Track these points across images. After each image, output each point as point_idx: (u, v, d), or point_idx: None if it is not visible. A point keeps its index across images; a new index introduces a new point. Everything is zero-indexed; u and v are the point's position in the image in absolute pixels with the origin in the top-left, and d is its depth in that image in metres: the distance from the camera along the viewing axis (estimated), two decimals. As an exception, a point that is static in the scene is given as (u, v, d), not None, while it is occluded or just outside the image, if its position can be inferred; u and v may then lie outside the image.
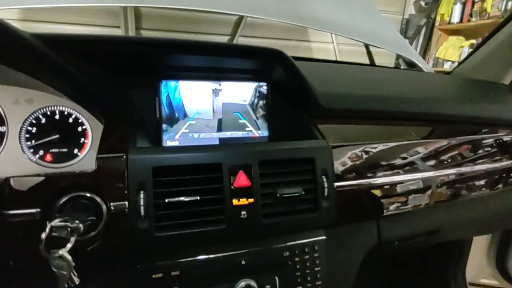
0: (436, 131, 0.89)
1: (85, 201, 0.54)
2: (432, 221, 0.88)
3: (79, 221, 0.48)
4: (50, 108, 0.62)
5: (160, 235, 0.56)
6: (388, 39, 1.37)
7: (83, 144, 0.64)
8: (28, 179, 0.52)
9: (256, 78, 0.77)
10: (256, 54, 0.67)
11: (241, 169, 0.61)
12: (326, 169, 0.67)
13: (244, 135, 0.77)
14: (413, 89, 0.97)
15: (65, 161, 0.62)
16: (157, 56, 0.65)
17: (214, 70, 0.73)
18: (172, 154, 0.58)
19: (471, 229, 1.07)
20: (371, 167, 0.74)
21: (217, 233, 0.59)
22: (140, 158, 0.56)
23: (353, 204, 0.72)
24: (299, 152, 0.66)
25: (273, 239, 0.66)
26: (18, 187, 0.52)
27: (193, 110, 0.74)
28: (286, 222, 0.64)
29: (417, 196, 0.79)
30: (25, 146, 0.60)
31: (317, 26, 1.22)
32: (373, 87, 0.91)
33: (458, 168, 0.85)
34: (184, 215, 0.57)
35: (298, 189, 0.63)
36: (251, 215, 0.61)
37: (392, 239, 0.82)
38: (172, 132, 0.72)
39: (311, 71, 0.74)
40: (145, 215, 0.55)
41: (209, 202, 0.59)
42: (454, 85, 1.14)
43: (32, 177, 0.53)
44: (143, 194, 0.55)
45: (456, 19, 3.50)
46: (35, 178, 0.53)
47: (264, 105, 0.78)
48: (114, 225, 0.54)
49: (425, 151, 0.82)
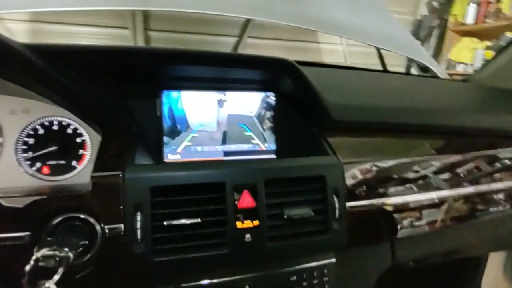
0: (452, 145, 0.84)
1: (78, 222, 0.50)
2: (450, 241, 0.82)
3: (69, 247, 0.44)
4: (47, 118, 0.60)
5: (158, 259, 0.52)
6: (401, 43, 1.31)
7: (82, 156, 0.61)
8: (18, 199, 0.49)
9: (263, 88, 0.73)
10: (263, 64, 0.62)
11: (246, 189, 0.57)
12: (338, 188, 0.62)
13: (250, 149, 0.73)
14: (428, 99, 0.92)
15: (63, 174, 0.60)
16: (159, 67, 0.62)
17: (218, 80, 0.70)
18: (171, 172, 0.54)
19: (489, 246, 1.01)
20: (384, 185, 0.69)
21: (219, 257, 0.55)
22: (137, 177, 0.52)
23: (365, 225, 0.68)
24: (308, 170, 0.62)
25: (280, 263, 0.62)
26: (7, 207, 0.48)
27: (196, 122, 0.70)
28: (294, 245, 0.60)
29: (434, 215, 0.74)
30: (21, 158, 0.58)
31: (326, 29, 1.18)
32: (386, 97, 0.86)
33: (477, 186, 0.79)
34: (183, 238, 0.54)
35: (307, 210, 0.59)
36: (256, 238, 0.57)
37: (407, 261, 0.77)
38: (174, 145, 0.69)
39: (320, 78, 0.70)
40: (142, 239, 0.51)
41: (211, 224, 0.55)
42: (472, 94, 1.08)
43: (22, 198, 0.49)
44: (140, 216, 0.51)
45: (470, 20, 3.40)
46: (26, 198, 0.49)
47: (272, 117, 0.74)
48: (108, 250, 0.50)
49: (441, 167, 0.76)
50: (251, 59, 0.62)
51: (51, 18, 2.41)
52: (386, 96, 0.86)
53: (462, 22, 3.47)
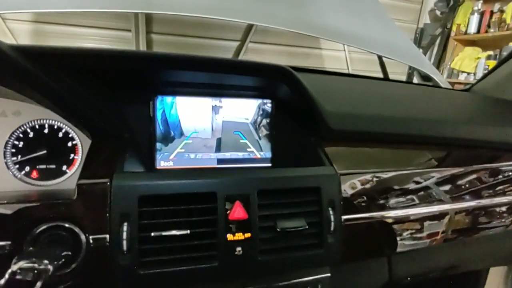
0: (453, 157, 0.81)
1: (62, 232, 0.48)
2: (449, 256, 0.80)
3: (49, 260, 0.42)
4: (38, 121, 0.59)
5: (144, 272, 0.50)
6: (403, 51, 1.30)
7: (73, 160, 0.60)
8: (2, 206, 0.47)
9: (260, 95, 0.71)
10: (260, 71, 0.61)
11: (238, 199, 0.55)
12: (333, 200, 0.60)
13: (245, 156, 0.71)
14: (430, 109, 0.90)
15: (53, 179, 0.59)
16: (153, 72, 0.60)
17: (214, 86, 0.68)
18: (160, 181, 0.52)
19: (491, 261, 0.99)
20: (383, 198, 0.67)
21: (208, 271, 0.53)
22: (125, 185, 0.51)
23: (362, 239, 0.65)
24: (303, 181, 0.60)
25: (272, 277, 0.59)
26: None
27: (190, 128, 0.68)
28: (287, 259, 0.58)
29: (433, 230, 0.71)
30: (10, 162, 0.57)
31: (328, 36, 1.16)
32: (386, 106, 0.84)
33: (479, 200, 0.77)
34: (172, 250, 0.52)
35: (301, 222, 0.57)
36: (248, 251, 0.54)
37: (405, 276, 0.75)
38: (166, 152, 0.67)
39: (319, 85, 0.68)
40: (128, 250, 0.49)
41: (201, 236, 0.53)
42: (474, 104, 1.06)
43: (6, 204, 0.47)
44: (127, 226, 0.49)
45: (473, 30, 3.40)
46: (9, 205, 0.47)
47: (268, 124, 0.72)
48: (92, 261, 0.48)
49: (442, 180, 0.74)
50: (247, 65, 0.60)
51: (54, 19, 2.42)
52: (386, 105, 0.84)
53: (465, 31, 3.47)
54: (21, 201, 0.48)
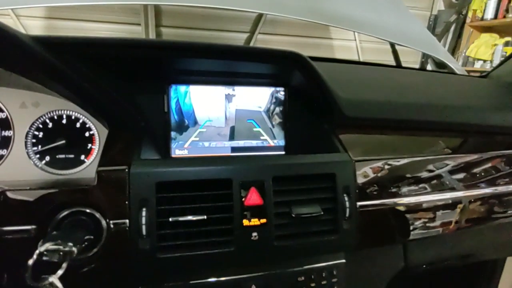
0: (470, 144, 0.80)
1: (84, 217, 0.50)
2: (465, 244, 0.79)
3: (73, 242, 0.43)
4: (57, 112, 0.60)
5: (162, 256, 0.51)
6: (417, 38, 1.27)
7: (91, 150, 0.61)
8: (25, 192, 0.49)
9: (273, 83, 0.71)
10: (273, 58, 0.60)
11: (253, 186, 0.55)
12: (348, 186, 0.60)
13: (258, 145, 0.72)
14: (446, 95, 0.88)
15: (72, 168, 0.60)
16: (167, 60, 0.60)
17: (227, 74, 0.68)
18: (177, 167, 0.53)
19: (507, 250, 0.97)
20: (397, 184, 0.66)
21: (224, 255, 0.54)
22: (143, 172, 0.52)
23: (377, 226, 0.65)
24: (318, 167, 0.59)
25: (287, 262, 0.60)
26: (14, 200, 0.48)
27: (204, 117, 0.69)
28: (302, 244, 0.58)
29: (449, 217, 0.71)
30: (31, 152, 0.59)
31: (340, 24, 1.14)
32: (401, 93, 0.83)
33: (495, 188, 0.75)
34: (189, 235, 0.53)
35: (316, 208, 0.57)
36: (263, 236, 0.55)
37: (420, 263, 0.74)
38: (181, 140, 0.68)
39: (332, 73, 0.68)
40: (147, 235, 0.50)
41: (217, 221, 0.54)
42: (492, 90, 1.03)
43: (29, 191, 0.49)
44: (145, 211, 0.50)
45: (490, 15, 3.27)
46: (32, 191, 0.49)
47: (281, 112, 0.72)
48: (113, 245, 0.50)
49: (458, 167, 0.73)
50: (261, 52, 0.60)
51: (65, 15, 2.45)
52: (401, 92, 0.83)
53: (481, 17, 3.35)
54: (43, 187, 0.50)
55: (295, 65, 0.61)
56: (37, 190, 0.49)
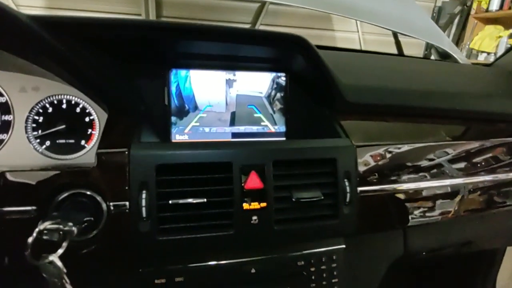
0: (472, 131, 0.79)
1: (84, 199, 0.50)
2: (465, 231, 0.79)
3: (73, 223, 0.43)
4: (57, 96, 0.59)
5: (162, 238, 0.51)
6: (420, 27, 1.25)
7: (91, 135, 0.61)
8: (25, 174, 0.49)
9: (274, 68, 0.70)
10: (275, 40, 0.59)
11: (253, 169, 0.55)
12: (349, 171, 0.60)
13: (259, 130, 0.71)
14: (448, 83, 0.87)
15: (72, 153, 0.60)
16: (167, 42, 0.60)
17: (228, 58, 0.67)
18: (177, 151, 0.53)
19: (507, 238, 0.97)
20: (398, 170, 0.66)
21: (224, 239, 0.54)
22: (143, 154, 0.51)
23: (377, 211, 0.65)
24: (319, 152, 0.59)
25: (287, 247, 0.60)
26: (14, 182, 0.48)
27: (204, 102, 0.68)
28: (302, 229, 0.58)
29: (449, 204, 0.70)
30: (31, 136, 0.58)
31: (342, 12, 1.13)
32: (403, 80, 0.82)
33: (495, 175, 0.75)
34: (189, 218, 0.53)
35: (316, 193, 0.57)
36: (263, 220, 0.55)
37: (420, 250, 0.74)
38: (181, 125, 0.67)
39: (334, 60, 0.67)
40: (147, 217, 0.50)
41: (217, 205, 0.53)
42: (495, 78, 1.02)
43: (30, 172, 0.49)
44: (145, 194, 0.50)
45: (495, 7, 3.23)
46: (33, 173, 0.49)
47: (282, 98, 0.72)
48: (113, 227, 0.50)
49: (459, 154, 0.72)
50: (264, 34, 0.59)
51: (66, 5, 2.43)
52: (403, 79, 0.82)
53: (486, 8, 3.31)
54: (43, 169, 0.50)
55: (297, 49, 0.60)
56: (38, 171, 0.49)
